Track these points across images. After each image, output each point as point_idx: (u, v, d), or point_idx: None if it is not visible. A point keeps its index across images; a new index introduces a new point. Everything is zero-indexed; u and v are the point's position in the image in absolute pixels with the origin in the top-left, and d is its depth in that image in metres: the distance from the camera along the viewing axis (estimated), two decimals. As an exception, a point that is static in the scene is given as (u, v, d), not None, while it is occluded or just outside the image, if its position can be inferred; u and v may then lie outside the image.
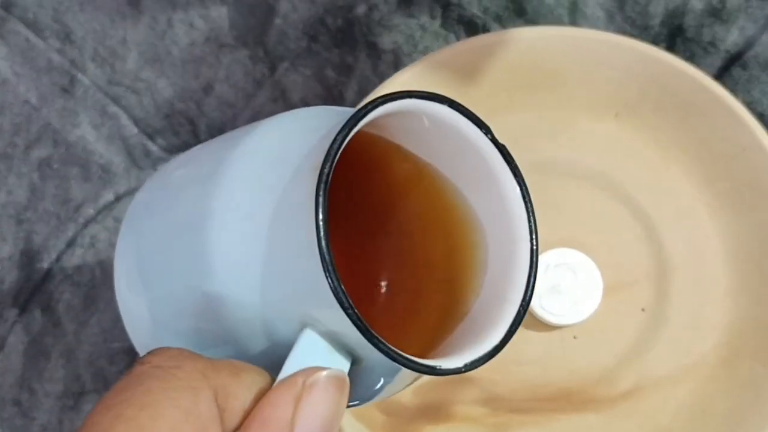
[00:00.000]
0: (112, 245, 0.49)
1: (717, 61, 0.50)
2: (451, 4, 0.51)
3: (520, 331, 0.42)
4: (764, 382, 0.40)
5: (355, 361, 0.25)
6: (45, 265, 0.49)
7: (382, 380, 0.26)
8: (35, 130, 0.52)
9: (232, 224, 0.25)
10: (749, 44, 0.50)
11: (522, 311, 0.27)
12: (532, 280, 0.27)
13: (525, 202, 0.27)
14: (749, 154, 0.42)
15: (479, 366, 0.26)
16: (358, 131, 0.25)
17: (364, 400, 0.28)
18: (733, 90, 0.47)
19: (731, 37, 0.50)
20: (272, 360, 0.25)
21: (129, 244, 0.30)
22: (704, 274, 0.43)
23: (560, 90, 0.45)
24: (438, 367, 0.25)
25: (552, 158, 0.44)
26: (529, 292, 0.27)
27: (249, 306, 0.25)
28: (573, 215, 0.43)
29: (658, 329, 0.42)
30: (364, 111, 0.24)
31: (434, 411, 0.41)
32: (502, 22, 0.51)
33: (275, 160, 0.25)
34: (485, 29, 0.51)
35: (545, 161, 0.44)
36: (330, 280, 0.22)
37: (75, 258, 0.50)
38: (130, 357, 0.47)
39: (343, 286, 0.23)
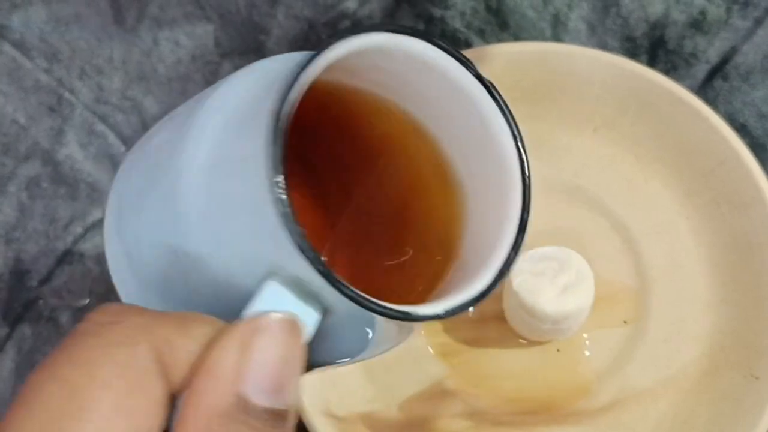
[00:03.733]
0: (101, 263, 0.50)
1: (699, 73, 0.50)
2: (434, 18, 0.52)
3: (503, 344, 0.42)
4: (744, 393, 0.40)
5: (326, 312, 0.24)
6: (34, 283, 0.50)
7: (365, 332, 0.25)
8: (23, 149, 0.52)
9: (195, 177, 0.24)
10: (730, 55, 0.50)
11: (512, 256, 0.25)
12: (524, 220, 0.26)
13: (516, 142, 0.26)
14: (727, 167, 0.42)
15: (461, 312, 0.24)
16: (332, 81, 0.24)
17: (350, 355, 0.26)
18: (715, 101, 0.47)
19: (712, 49, 0.50)
20: (238, 313, 0.24)
21: (113, 203, 0.29)
22: (684, 287, 0.43)
23: (539, 105, 0.45)
24: (412, 313, 0.23)
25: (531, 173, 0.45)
26: (520, 234, 0.26)
27: (214, 257, 0.24)
28: (553, 229, 0.44)
29: (639, 342, 0.42)
30: (325, 48, 0.23)
31: (418, 426, 0.42)
32: (485, 37, 0.51)
33: (236, 112, 0.25)
34: (468, 44, 0.51)
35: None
36: (282, 214, 0.21)
37: (64, 276, 0.50)
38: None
39: (299, 225, 0.21)
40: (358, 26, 0.22)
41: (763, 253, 0.42)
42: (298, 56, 0.25)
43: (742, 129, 0.47)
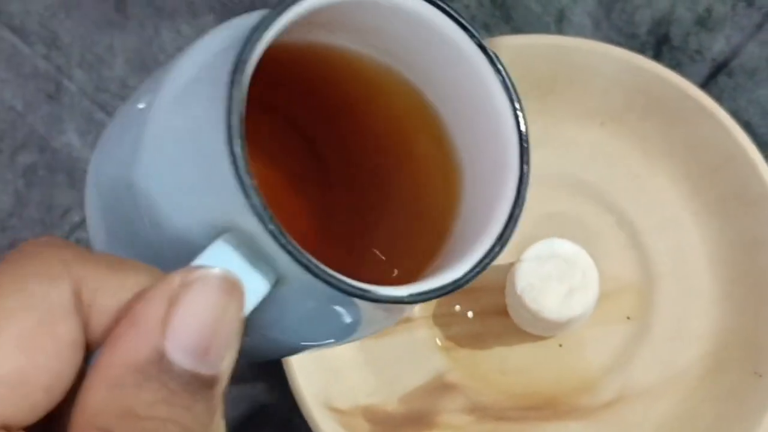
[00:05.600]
0: (98, 252, 0.49)
1: (703, 70, 0.50)
2: (439, 11, 0.51)
3: (505, 339, 0.42)
4: (748, 392, 0.40)
5: (280, 282, 0.22)
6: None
7: (333, 311, 0.23)
8: (20, 136, 0.51)
9: (160, 115, 0.23)
10: (735, 52, 0.50)
11: (496, 248, 0.23)
12: (516, 212, 0.24)
13: (517, 122, 0.24)
14: (734, 164, 0.42)
15: (430, 299, 0.22)
16: (310, 41, 0.22)
17: (320, 337, 0.24)
18: (719, 98, 0.47)
19: (717, 46, 0.50)
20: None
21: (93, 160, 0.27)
22: (689, 283, 0.43)
23: (546, 98, 0.45)
24: (370, 292, 0.21)
25: (537, 167, 0.44)
26: (509, 227, 0.23)
27: (165, 197, 0.22)
28: (558, 223, 0.43)
29: (643, 338, 0.42)
30: (292, 3, 0.21)
31: (419, 419, 0.41)
32: (490, 30, 0.51)
33: (205, 62, 0.23)
34: (472, 37, 0.51)
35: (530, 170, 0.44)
36: (232, 162, 0.19)
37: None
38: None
39: (251, 176, 0.20)
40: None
41: (769, 250, 0.42)
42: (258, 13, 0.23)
43: (746, 126, 0.47)
